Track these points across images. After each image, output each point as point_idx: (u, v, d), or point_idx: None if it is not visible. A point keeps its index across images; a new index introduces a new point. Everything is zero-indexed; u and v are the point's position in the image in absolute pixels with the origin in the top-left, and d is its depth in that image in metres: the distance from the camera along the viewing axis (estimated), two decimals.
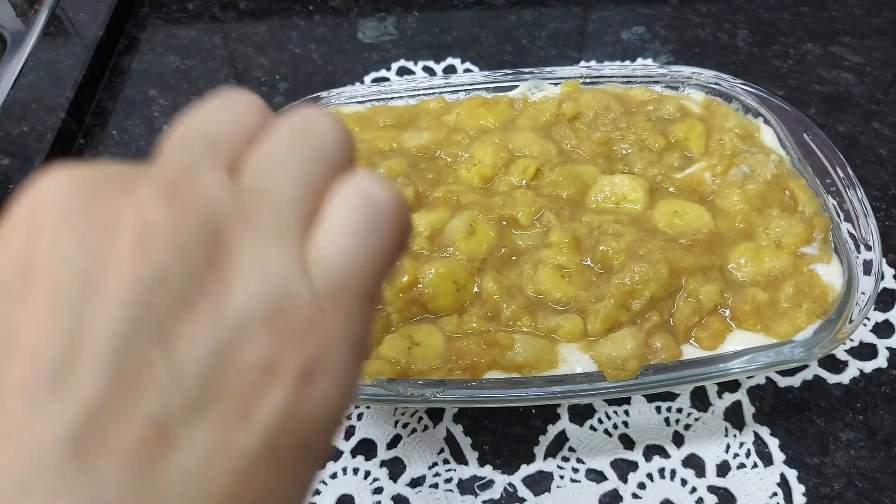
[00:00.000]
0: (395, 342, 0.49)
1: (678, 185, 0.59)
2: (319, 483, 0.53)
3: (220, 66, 0.87)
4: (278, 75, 0.86)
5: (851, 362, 0.59)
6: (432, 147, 0.63)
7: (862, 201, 0.55)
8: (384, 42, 0.89)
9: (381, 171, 0.59)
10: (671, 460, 0.54)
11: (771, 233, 0.55)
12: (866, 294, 0.50)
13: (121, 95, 0.84)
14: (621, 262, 0.51)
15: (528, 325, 0.50)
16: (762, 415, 0.56)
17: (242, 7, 0.95)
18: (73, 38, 0.86)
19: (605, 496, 0.52)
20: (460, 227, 0.55)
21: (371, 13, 0.93)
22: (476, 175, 0.61)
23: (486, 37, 0.89)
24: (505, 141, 0.62)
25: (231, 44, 0.90)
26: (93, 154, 0.78)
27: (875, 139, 0.76)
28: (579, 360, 0.49)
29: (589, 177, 0.60)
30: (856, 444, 0.54)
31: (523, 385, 0.47)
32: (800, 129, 0.61)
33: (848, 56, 0.85)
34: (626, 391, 0.48)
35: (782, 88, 0.81)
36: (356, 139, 0.64)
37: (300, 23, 0.93)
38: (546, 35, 0.89)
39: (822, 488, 0.52)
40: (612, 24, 0.90)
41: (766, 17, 0.90)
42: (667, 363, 0.48)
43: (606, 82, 0.67)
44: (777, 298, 0.51)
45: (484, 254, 0.55)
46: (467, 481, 0.53)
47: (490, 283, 0.51)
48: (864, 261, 0.51)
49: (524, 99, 0.66)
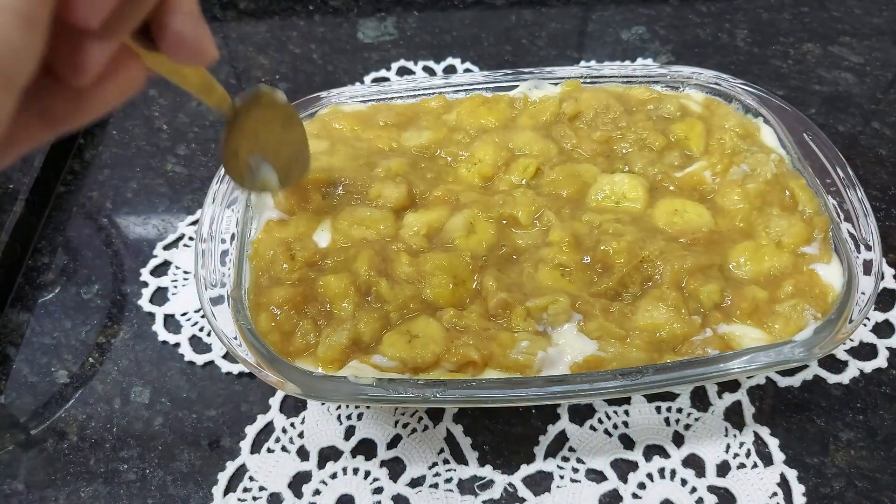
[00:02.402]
0: (394, 339, 0.49)
1: (678, 184, 0.59)
2: (319, 483, 0.53)
3: (220, 66, 0.87)
4: (278, 75, 0.86)
5: (851, 362, 0.58)
6: (432, 146, 0.63)
7: (862, 201, 0.55)
8: (384, 42, 0.89)
9: (380, 170, 0.59)
10: (671, 460, 0.54)
11: (771, 232, 0.55)
12: (866, 294, 0.50)
13: None
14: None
15: (522, 316, 0.50)
16: (762, 415, 0.56)
17: (242, 7, 0.95)
18: None
19: (605, 496, 0.52)
20: (459, 226, 0.55)
21: (371, 13, 0.93)
22: (476, 174, 0.61)
23: (486, 37, 0.89)
24: (505, 140, 0.62)
25: (231, 44, 0.90)
26: (93, 154, 0.78)
27: (875, 139, 0.76)
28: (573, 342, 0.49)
29: (589, 176, 0.60)
30: (856, 444, 0.54)
31: (523, 385, 0.47)
32: (800, 129, 0.61)
33: (848, 56, 0.85)
34: (626, 391, 0.48)
35: (782, 88, 0.81)
36: (356, 138, 0.64)
37: (300, 23, 0.93)
38: (546, 35, 0.89)
39: (822, 488, 0.52)
40: (612, 24, 0.90)
41: (766, 17, 0.90)
42: (667, 363, 0.48)
43: (606, 82, 0.67)
44: (777, 297, 0.51)
45: (484, 252, 0.55)
46: (467, 481, 0.53)
47: (490, 282, 0.51)
48: (864, 261, 0.51)
49: (524, 98, 0.66)
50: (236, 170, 0.46)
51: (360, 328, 0.50)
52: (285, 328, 0.50)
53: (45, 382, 0.60)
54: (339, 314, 0.51)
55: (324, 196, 0.58)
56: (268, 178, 0.49)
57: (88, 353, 0.62)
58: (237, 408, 0.58)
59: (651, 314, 0.50)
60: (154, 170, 0.76)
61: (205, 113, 0.81)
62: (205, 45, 0.32)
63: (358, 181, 0.59)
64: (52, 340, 0.63)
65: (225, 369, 0.60)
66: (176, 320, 0.63)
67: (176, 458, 0.55)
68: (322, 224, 0.57)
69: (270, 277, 0.53)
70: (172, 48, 0.31)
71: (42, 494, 0.54)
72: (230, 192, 0.58)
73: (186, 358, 0.61)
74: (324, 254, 0.55)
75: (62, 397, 0.59)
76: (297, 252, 0.54)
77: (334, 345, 0.49)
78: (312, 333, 0.50)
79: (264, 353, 0.48)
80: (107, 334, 0.63)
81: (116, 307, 0.65)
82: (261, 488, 0.53)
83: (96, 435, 0.57)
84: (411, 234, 0.55)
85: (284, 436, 0.56)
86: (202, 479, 0.54)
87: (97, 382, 0.60)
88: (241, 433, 0.56)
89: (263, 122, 0.46)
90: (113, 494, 0.54)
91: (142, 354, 0.61)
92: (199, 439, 0.56)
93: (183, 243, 0.69)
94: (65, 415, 0.58)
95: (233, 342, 0.48)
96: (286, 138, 0.50)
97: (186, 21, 0.31)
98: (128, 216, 0.72)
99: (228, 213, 0.57)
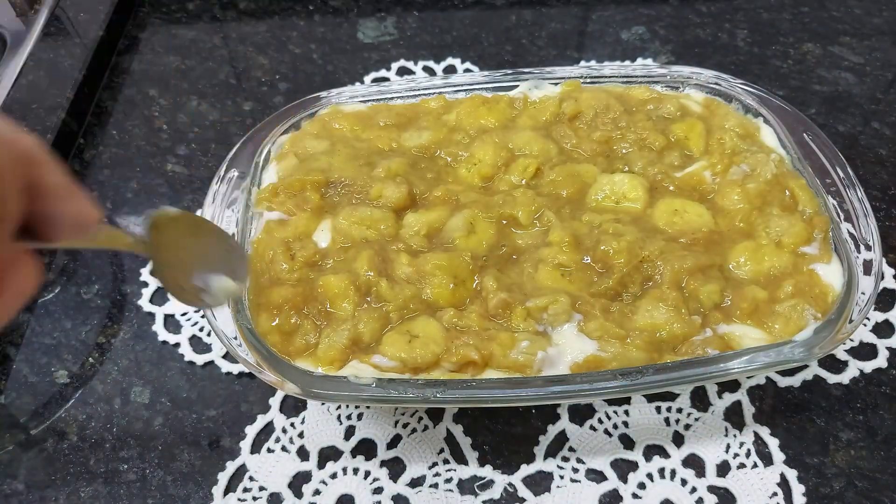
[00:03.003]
0: (394, 339, 0.49)
1: (678, 184, 0.59)
2: (319, 483, 0.53)
3: (220, 66, 0.87)
4: (278, 75, 0.86)
5: (851, 362, 0.58)
6: (432, 146, 0.63)
7: (862, 201, 0.55)
8: (384, 42, 0.89)
9: (380, 170, 0.59)
10: (671, 460, 0.54)
11: (771, 232, 0.55)
12: (866, 294, 0.50)
13: (121, 95, 0.84)
14: None
15: (522, 316, 0.50)
16: (762, 415, 0.56)
17: (242, 7, 0.95)
18: (73, 38, 0.86)
19: (605, 496, 0.52)
20: (459, 226, 0.55)
21: (371, 13, 0.93)
22: (476, 174, 0.61)
23: (486, 37, 0.89)
24: (505, 140, 0.62)
25: (231, 44, 0.90)
26: (92, 154, 0.78)
27: (875, 139, 0.76)
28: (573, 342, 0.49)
29: (589, 176, 0.60)
30: (856, 444, 0.54)
31: (523, 385, 0.47)
32: (800, 129, 0.61)
33: (848, 56, 0.85)
34: (626, 391, 0.48)
35: (782, 88, 0.81)
36: (356, 138, 0.64)
37: (300, 23, 0.93)
38: (546, 35, 0.89)
39: (822, 488, 0.52)
40: (612, 24, 0.90)
41: (766, 17, 0.90)
42: (667, 363, 0.48)
43: (606, 82, 0.67)
44: (777, 297, 0.51)
45: (484, 252, 0.55)
46: (467, 481, 0.53)
47: (490, 282, 0.51)
48: (864, 261, 0.51)
49: (524, 98, 0.66)
50: (192, 297, 0.45)
51: (360, 328, 0.50)
52: (285, 328, 0.50)
53: (45, 382, 0.60)
54: (339, 314, 0.51)
55: (323, 196, 0.58)
56: (224, 286, 0.46)
57: (88, 353, 0.62)
58: (237, 408, 0.58)
59: (651, 314, 0.50)
60: (154, 170, 0.76)
61: (205, 113, 0.81)
62: (85, 213, 0.31)
63: (358, 181, 0.59)
64: (52, 340, 0.63)
65: (225, 369, 0.60)
66: (176, 320, 0.63)
67: (176, 458, 0.55)
68: (322, 224, 0.57)
69: (270, 277, 0.53)
70: (56, 234, 0.30)
71: (42, 494, 0.54)
72: (230, 192, 0.58)
73: (186, 358, 0.61)
74: (324, 254, 0.55)
75: (62, 397, 0.59)
76: (297, 252, 0.54)
77: (334, 345, 0.49)
78: (312, 333, 0.50)
79: (264, 353, 0.48)
80: (107, 334, 0.63)
81: (116, 307, 0.65)
82: (261, 488, 0.53)
83: (96, 435, 0.57)
84: (411, 235, 0.55)
85: (284, 436, 0.56)
86: (202, 479, 0.54)
87: (97, 382, 0.60)
88: (241, 433, 0.56)
89: (179, 240, 0.44)
90: (113, 494, 0.53)
91: (142, 354, 0.61)
92: (199, 439, 0.56)
93: None
94: (65, 415, 0.58)
95: (233, 342, 0.48)
96: (207, 241, 0.47)
97: (59, 204, 0.30)
98: (128, 216, 0.72)
99: (228, 213, 0.57)
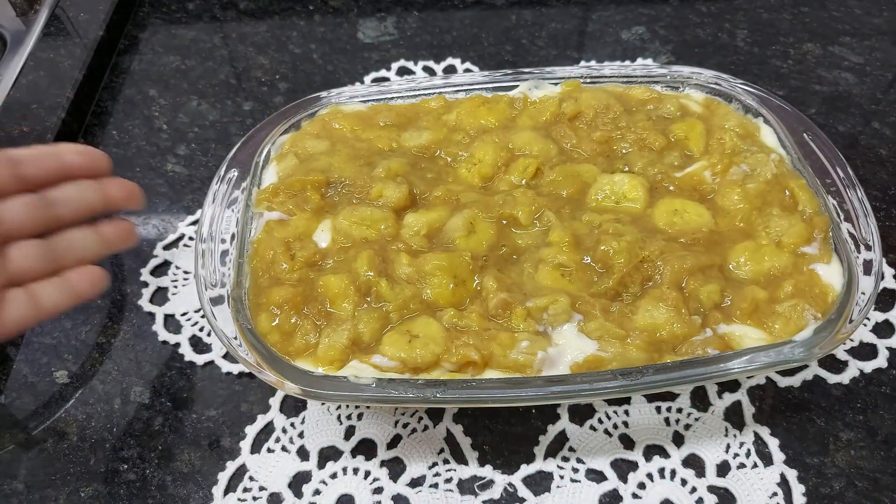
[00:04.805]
0: (394, 339, 0.49)
1: (678, 184, 0.59)
2: (319, 483, 0.53)
3: (220, 66, 0.87)
4: (278, 75, 0.86)
5: (851, 362, 0.58)
6: (432, 146, 0.63)
7: (862, 201, 0.55)
8: (384, 42, 0.89)
9: (380, 170, 0.59)
10: (671, 460, 0.54)
11: (771, 232, 0.55)
12: (866, 294, 0.50)
13: (121, 95, 0.84)
14: None
15: (522, 316, 0.50)
16: (762, 415, 0.56)
17: (242, 7, 0.95)
18: (73, 38, 0.86)
19: (605, 496, 0.52)
20: (459, 226, 0.55)
21: (371, 13, 0.93)
22: (476, 174, 0.61)
23: (486, 37, 0.89)
24: (505, 140, 0.62)
25: (231, 44, 0.90)
26: None
27: (875, 139, 0.76)
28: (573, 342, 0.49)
29: (589, 176, 0.60)
30: (856, 444, 0.54)
31: (523, 385, 0.47)
32: (800, 129, 0.61)
33: (848, 56, 0.85)
34: (626, 391, 0.48)
35: (782, 88, 0.81)
36: (356, 138, 0.64)
37: (300, 23, 0.93)
38: (546, 35, 0.89)
39: (822, 488, 0.52)
40: (612, 24, 0.90)
41: (766, 17, 0.90)
42: (667, 363, 0.48)
43: (606, 82, 0.67)
44: (777, 297, 0.51)
45: (484, 252, 0.55)
46: (467, 481, 0.53)
47: (490, 282, 0.51)
48: (864, 261, 0.51)
49: (524, 98, 0.66)
50: None
51: (360, 328, 0.50)
52: (285, 328, 0.50)
53: (45, 382, 0.60)
54: (339, 314, 0.51)
55: (324, 196, 0.58)
56: None
57: (88, 353, 0.62)
58: (237, 408, 0.58)
59: (651, 314, 0.50)
60: (154, 170, 0.76)
61: (205, 113, 0.81)
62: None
63: (358, 181, 0.59)
64: (52, 340, 0.63)
65: (225, 369, 0.60)
66: (176, 320, 0.63)
67: (176, 458, 0.55)
68: (322, 224, 0.57)
69: (270, 277, 0.53)
70: None
71: (42, 494, 0.54)
72: (230, 192, 0.58)
73: (186, 358, 0.61)
74: (324, 254, 0.55)
75: (62, 397, 0.59)
76: (297, 252, 0.54)
77: (334, 345, 0.49)
78: (312, 333, 0.50)
79: (264, 353, 0.48)
80: (107, 334, 0.63)
81: (116, 307, 0.65)
82: (261, 488, 0.53)
83: (96, 435, 0.57)
84: (411, 234, 0.55)
85: (284, 436, 0.56)
86: (202, 479, 0.54)
87: (97, 382, 0.60)
88: (241, 433, 0.56)
89: None
90: (113, 494, 0.53)
91: (142, 354, 0.61)
92: (199, 439, 0.56)
93: (183, 243, 0.69)
94: (65, 415, 0.58)
95: (233, 342, 0.48)
96: None
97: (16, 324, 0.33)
98: (127, 216, 0.72)
99: (228, 213, 0.57)
